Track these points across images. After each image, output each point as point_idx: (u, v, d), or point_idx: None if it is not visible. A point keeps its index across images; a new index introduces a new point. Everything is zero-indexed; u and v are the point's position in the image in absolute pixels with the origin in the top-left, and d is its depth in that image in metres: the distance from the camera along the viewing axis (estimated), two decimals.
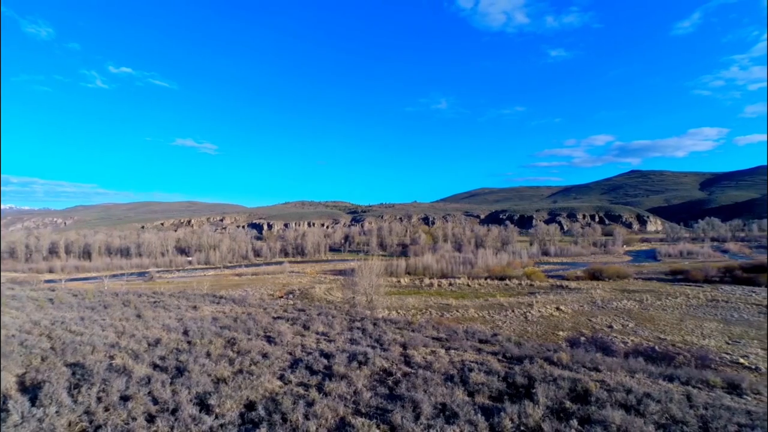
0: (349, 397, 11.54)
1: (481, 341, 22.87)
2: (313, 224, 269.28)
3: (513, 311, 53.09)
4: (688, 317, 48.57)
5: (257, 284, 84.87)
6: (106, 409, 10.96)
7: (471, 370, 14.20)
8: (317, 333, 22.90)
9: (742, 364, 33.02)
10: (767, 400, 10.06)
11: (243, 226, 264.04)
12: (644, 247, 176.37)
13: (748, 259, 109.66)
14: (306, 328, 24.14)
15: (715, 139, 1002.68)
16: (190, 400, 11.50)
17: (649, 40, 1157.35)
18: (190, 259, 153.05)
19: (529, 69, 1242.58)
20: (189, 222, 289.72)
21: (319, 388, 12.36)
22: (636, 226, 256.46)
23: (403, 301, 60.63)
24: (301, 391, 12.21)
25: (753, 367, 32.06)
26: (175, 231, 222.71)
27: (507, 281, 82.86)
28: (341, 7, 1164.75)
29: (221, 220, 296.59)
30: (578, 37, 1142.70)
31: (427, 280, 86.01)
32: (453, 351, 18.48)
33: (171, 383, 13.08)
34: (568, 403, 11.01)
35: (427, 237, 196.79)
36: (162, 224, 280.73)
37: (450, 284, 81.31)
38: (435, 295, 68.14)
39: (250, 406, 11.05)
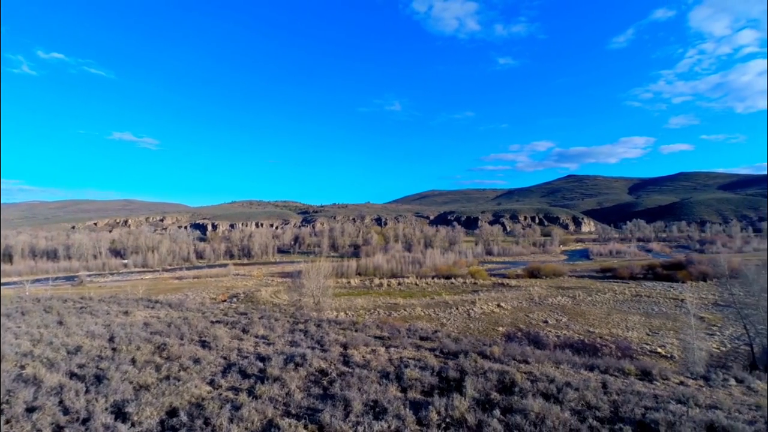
0: (280, 399, 11.32)
1: (422, 338, 23.32)
2: (262, 225, 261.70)
3: (457, 309, 54.72)
4: (614, 311, 52.56)
5: (199, 288, 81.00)
6: (8, 422, 9.96)
7: (407, 366, 14.44)
8: (256, 336, 22.25)
9: (660, 353, 36.28)
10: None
11: (185, 227, 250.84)
12: (579, 246, 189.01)
13: (668, 257, 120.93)
14: (245, 331, 23.39)
15: (643, 147, 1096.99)
16: (106, 409, 10.74)
17: (588, 52, 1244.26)
18: (125, 261, 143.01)
19: (479, 75, 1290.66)
20: (125, 222, 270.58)
21: (250, 391, 12.01)
22: (572, 227, 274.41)
23: (352, 302, 60.54)
24: (230, 395, 11.81)
25: (669, 355, 35.32)
26: (110, 232, 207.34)
27: (453, 280, 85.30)
28: (296, 3, 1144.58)
29: (161, 220, 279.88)
30: (525, 46, 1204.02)
31: (377, 281, 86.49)
32: (393, 349, 18.69)
33: (86, 392, 12.16)
34: (494, 394, 11.50)
35: (379, 238, 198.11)
36: (95, 224, 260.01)
37: (399, 284, 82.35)
38: (384, 295, 68.69)
39: (173, 412, 10.51)
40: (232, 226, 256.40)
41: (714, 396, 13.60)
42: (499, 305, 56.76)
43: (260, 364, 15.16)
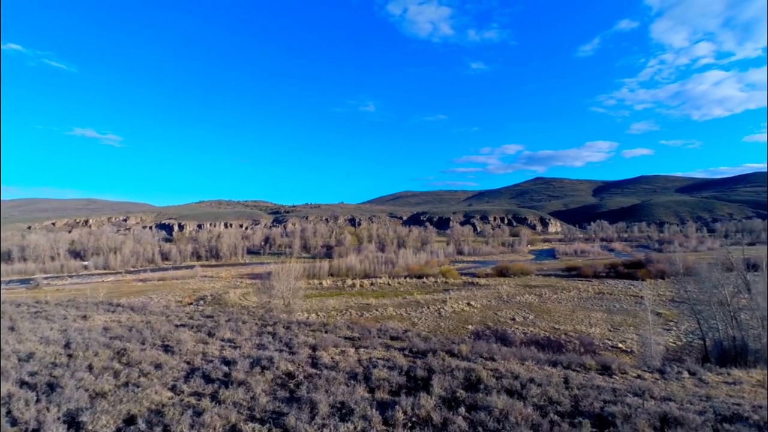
0: (245, 403, 11.07)
1: (392, 338, 23.39)
2: (231, 225, 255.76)
3: (428, 308, 55.28)
4: (579, 308, 54.47)
5: (164, 290, 78.30)
6: None
7: (375, 366, 14.43)
8: (223, 340, 21.70)
9: (620, 348, 37.89)
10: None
11: (150, 227, 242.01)
12: (545, 246, 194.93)
13: (629, 257, 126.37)
14: (211, 335, 22.77)
15: (607, 151, 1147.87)
16: (58, 419, 10.19)
17: (556, 59, 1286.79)
18: (86, 263, 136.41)
19: (452, 79, 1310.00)
20: (86, 222, 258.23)
21: (214, 396, 11.69)
22: (539, 227, 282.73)
23: (323, 303, 60.08)
24: (192, 401, 11.45)
25: (629, 350, 36.92)
26: (69, 232, 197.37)
27: (425, 279, 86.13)
28: (270, 1, 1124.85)
29: (125, 220, 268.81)
30: (497, 52, 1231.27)
31: (349, 281, 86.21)
32: (363, 349, 18.65)
33: (37, 401, 11.50)
34: (460, 392, 11.66)
35: (353, 238, 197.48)
36: (53, 224, 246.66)
37: (372, 284, 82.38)
38: (356, 296, 68.54)
39: (130, 420, 10.09)
40: (199, 226, 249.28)
41: (668, 388, 14.23)
42: (469, 304, 57.73)
43: (225, 369, 14.79)
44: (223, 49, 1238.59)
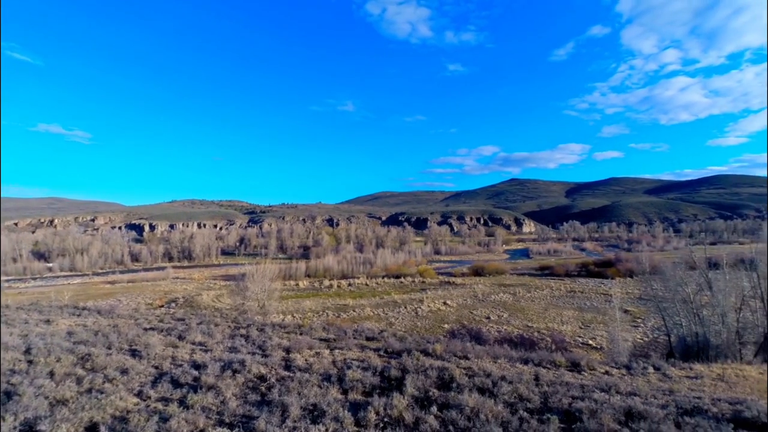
0: (214, 408, 10.82)
1: (368, 339, 23.37)
2: (204, 225, 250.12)
3: (405, 307, 55.48)
4: (551, 307, 55.77)
5: (134, 293, 75.79)
6: None
7: (350, 367, 14.38)
8: (193, 343, 21.17)
9: (591, 344, 38.97)
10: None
11: (120, 227, 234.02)
12: (520, 246, 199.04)
13: (599, 256, 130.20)
14: (181, 338, 22.18)
15: (579, 153, 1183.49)
16: (15, 428, 9.72)
17: (531, 63, 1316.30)
18: (50, 265, 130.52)
19: (430, 80, 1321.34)
20: (51, 222, 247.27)
21: (182, 401, 11.38)
22: (514, 227, 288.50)
23: (300, 305, 59.45)
24: (159, 406, 11.11)
25: (599, 347, 38.00)
26: (33, 233, 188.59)
27: (402, 279, 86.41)
28: None
29: (92, 220, 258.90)
30: (474, 54, 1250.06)
31: (327, 282, 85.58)
32: (338, 351, 18.55)
33: None
34: (433, 391, 11.75)
35: (330, 238, 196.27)
36: (15, 224, 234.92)
37: (349, 284, 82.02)
38: (334, 297, 68.11)
39: (92, 428, 9.70)
40: (171, 226, 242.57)
41: (634, 383, 14.71)
42: (445, 303, 58.26)
43: (195, 373, 14.44)
44: (198, 44, 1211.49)
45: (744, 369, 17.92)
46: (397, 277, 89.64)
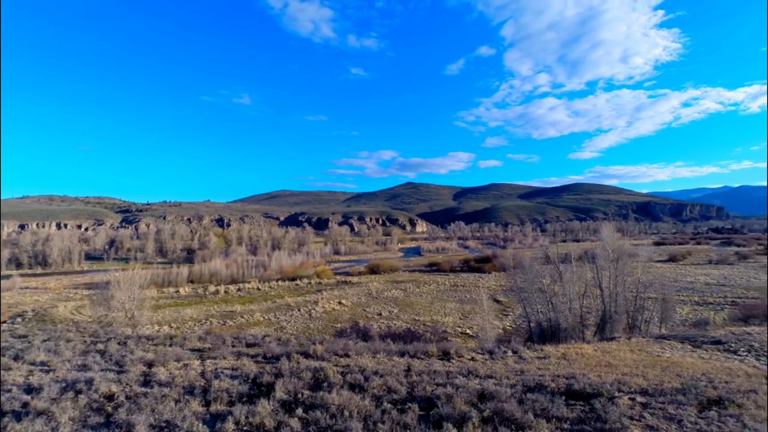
0: None
1: (248, 345, 22.33)
2: (66, 226, 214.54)
3: (299, 310, 54.33)
4: (437, 300, 59.64)
5: None
6: None
7: (218, 377, 13.50)
8: (33, 364, 17.95)
9: (468, 333, 42.49)
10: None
11: None
12: (413, 244, 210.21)
13: (480, 253, 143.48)
14: (17, 359, 18.67)
15: (466, 161, 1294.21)
16: None
17: (427, 74, 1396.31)
18: None
19: (333, 81, 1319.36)
20: None
21: None
22: (408, 227, 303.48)
23: (179, 313, 54.30)
24: None
25: (475, 335, 41.57)
26: None
27: (298, 281, 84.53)
28: None
29: None
30: (375, 60, 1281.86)
31: (212, 288, 79.57)
32: (210, 360, 17.30)
33: None
34: (304, 392, 11.59)
35: (220, 240, 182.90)
36: None
37: (239, 289, 77.47)
38: (220, 303, 63.65)
39: None
40: (21, 227, 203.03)
41: (493, 367, 16.22)
42: (340, 302, 58.50)
43: (26, 398, 12.20)
44: (65, 10, 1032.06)
45: (583, 347, 20.99)
46: (293, 279, 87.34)
